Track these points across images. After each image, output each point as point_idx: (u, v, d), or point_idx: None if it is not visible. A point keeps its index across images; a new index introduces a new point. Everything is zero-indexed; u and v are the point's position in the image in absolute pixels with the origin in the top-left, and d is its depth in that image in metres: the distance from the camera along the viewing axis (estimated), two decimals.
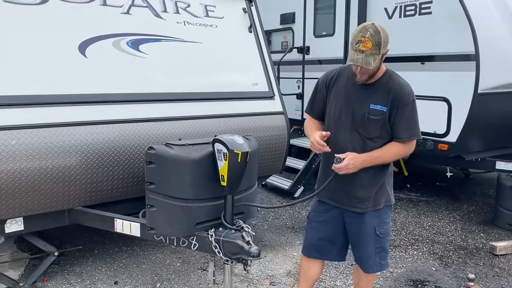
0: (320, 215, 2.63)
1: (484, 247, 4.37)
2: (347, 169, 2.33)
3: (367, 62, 2.21)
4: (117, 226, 3.04)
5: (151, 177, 2.60)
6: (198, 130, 3.56)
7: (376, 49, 2.21)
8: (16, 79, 2.91)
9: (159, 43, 3.58)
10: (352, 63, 2.25)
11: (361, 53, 2.20)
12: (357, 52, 2.21)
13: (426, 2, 4.81)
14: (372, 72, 2.32)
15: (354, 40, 2.24)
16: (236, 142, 2.47)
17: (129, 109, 3.28)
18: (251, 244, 2.46)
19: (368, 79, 2.36)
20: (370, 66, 2.23)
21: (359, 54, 2.21)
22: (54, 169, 2.93)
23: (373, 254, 2.53)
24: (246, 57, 4.13)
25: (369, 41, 2.19)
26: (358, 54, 2.21)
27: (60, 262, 3.81)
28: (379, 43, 2.21)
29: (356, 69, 2.32)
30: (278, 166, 4.21)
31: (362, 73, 2.32)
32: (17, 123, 2.83)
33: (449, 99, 4.68)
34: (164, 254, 4.05)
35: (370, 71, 2.30)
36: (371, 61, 2.21)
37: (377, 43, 2.20)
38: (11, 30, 2.97)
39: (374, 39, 2.20)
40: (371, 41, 2.19)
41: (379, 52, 2.23)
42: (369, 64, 2.22)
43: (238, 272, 3.64)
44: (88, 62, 3.20)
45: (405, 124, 2.38)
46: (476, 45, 4.38)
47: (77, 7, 3.27)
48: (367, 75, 2.33)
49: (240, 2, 4.20)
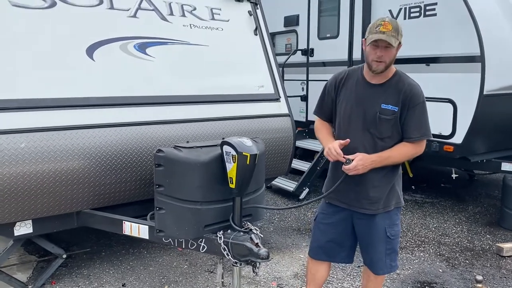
0: (328, 217, 2.63)
1: (491, 248, 4.36)
2: (356, 170, 2.34)
3: (390, 40, 2.26)
4: (126, 229, 3.05)
5: (160, 180, 2.61)
6: (205, 132, 3.57)
7: (395, 33, 2.28)
8: (24, 83, 2.93)
9: (166, 46, 3.60)
10: (376, 38, 2.27)
11: (383, 33, 2.26)
12: (378, 34, 2.27)
13: (431, 4, 4.82)
14: (389, 60, 2.33)
15: (373, 26, 2.31)
16: (244, 144, 2.48)
17: (137, 111, 3.30)
18: (260, 246, 2.46)
19: (383, 69, 2.37)
20: (393, 43, 2.27)
21: (381, 35, 2.26)
22: (62, 172, 2.95)
23: (384, 256, 2.54)
24: (251, 59, 4.14)
25: (389, 23, 2.28)
26: (380, 35, 2.26)
27: (68, 264, 3.82)
28: (397, 28, 2.30)
29: (375, 54, 2.32)
30: (284, 168, 4.22)
31: (380, 60, 2.32)
32: (26, 126, 2.85)
33: (454, 101, 4.69)
34: (171, 256, 4.06)
35: (388, 56, 2.31)
36: (392, 41, 2.27)
37: (395, 28, 2.29)
38: (19, 34, 3.00)
39: (393, 23, 2.30)
40: (390, 24, 2.28)
41: (398, 36, 2.29)
42: (392, 42, 2.26)
43: (245, 274, 3.64)
44: (96, 65, 3.22)
45: (415, 124, 2.40)
46: (481, 46, 4.38)
47: (84, 11, 3.30)
48: (384, 64, 2.34)
49: (245, 5, 4.22)
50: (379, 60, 2.32)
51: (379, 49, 2.30)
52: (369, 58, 2.36)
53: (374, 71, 2.38)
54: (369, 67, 2.40)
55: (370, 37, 2.30)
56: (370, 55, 2.35)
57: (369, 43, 2.31)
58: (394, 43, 2.27)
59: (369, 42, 2.30)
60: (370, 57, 2.35)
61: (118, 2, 3.46)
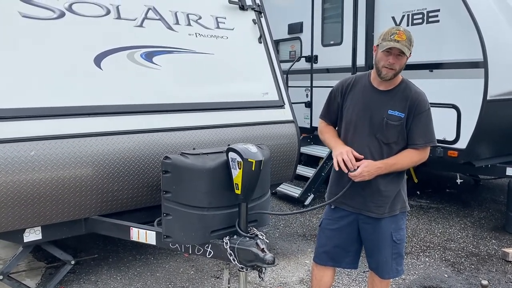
0: (334, 222, 2.66)
1: (496, 253, 4.36)
2: (362, 177, 2.38)
3: (404, 49, 2.31)
4: (133, 235, 3.09)
5: (167, 186, 2.65)
6: (211, 139, 3.62)
7: (408, 43, 2.33)
8: (34, 92, 2.99)
9: (172, 55, 3.66)
10: (390, 46, 2.31)
11: (397, 42, 2.31)
12: (392, 42, 2.31)
13: (434, 10, 4.86)
14: (399, 67, 2.38)
15: (388, 33, 2.34)
16: (250, 151, 2.51)
17: (144, 119, 3.35)
18: (266, 252, 2.48)
19: (392, 77, 2.41)
20: (406, 53, 2.32)
21: (396, 43, 2.31)
22: (71, 179, 3.00)
23: (390, 260, 2.56)
24: (256, 67, 4.19)
25: (404, 33, 2.32)
26: (395, 43, 2.31)
27: (76, 270, 3.86)
28: (411, 39, 2.35)
29: (386, 61, 2.36)
30: (289, 174, 4.25)
31: (391, 67, 2.37)
32: (35, 134, 2.91)
33: (458, 106, 4.71)
34: (178, 262, 4.09)
35: (399, 63, 2.36)
36: (406, 50, 2.32)
37: (409, 38, 2.34)
38: (29, 44, 3.06)
39: (407, 33, 2.34)
40: (405, 34, 2.32)
41: (410, 47, 2.34)
42: (405, 51, 2.32)
43: (251, 280, 3.67)
44: (103, 74, 3.28)
45: (421, 131, 2.44)
46: (484, 52, 4.41)
47: (92, 21, 3.37)
48: (394, 71, 2.38)
49: (250, 13, 4.28)
50: (390, 67, 2.37)
51: (392, 56, 2.35)
52: (379, 64, 2.41)
53: (383, 77, 2.42)
54: (378, 73, 2.44)
55: (384, 44, 2.33)
56: (381, 61, 2.39)
57: (383, 49, 2.35)
58: (407, 52, 2.33)
59: (383, 49, 2.35)
60: (381, 63, 2.40)
61: (125, 12, 3.52)
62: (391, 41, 2.31)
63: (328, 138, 2.66)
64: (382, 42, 2.35)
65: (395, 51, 2.33)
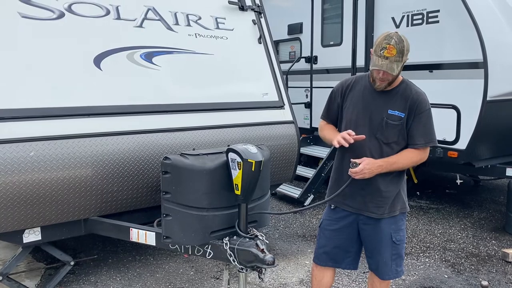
0: (334, 223, 2.66)
1: (496, 254, 4.36)
2: (363, 174, 2.38)
3: (391, 68, 2.29)
4: (133, 236, 3.08)
5: (167, 187, 2.65)
6: (211, 140, 3.62)
7: (399, 56, 2.29)
8: (33, 92, 2.99)
9: (172, 55, 3.66)
10: (377, 68, 2.31)
11: (386, 59, 2.28)
12: (381, 58, 2.29)
13: (433, 11, 4.86)
14: (392, 79, 2.38)
15: (378, 46, 2.30)
16: (249, 151, 2.51)
17: (144, 120, 3.35)
18: (266, 252, 2.48)
19: (386, 86, 2.43)
20: (394, 72, 2.30)
21: (383, 60, 2.28)
22: (71, 180, 3.00)
23: (390, 261, 2.56)
24: (256, 67, 4.19)
25: (394, 48, 2.27)
26: (383, 60, 2.28)
27: (75, 271, 3.86)
28: (402, 51, 2.29)
29: (378, 75, 2.38)
30: (289, 174, 4.25)
31: (383, 80, 2.38)
32: (35, 135, 2.90)
33: (458, 107, 4.71)
34: (177, 263, 4.09)
35: (390, 78, 2.37)
36: (394, 68, 2.29)
37: (400, 51, 2.28)
38: (28, 44, 3.06)
39: (398, 46, 2.27)
40: (395, 48, 2.27)
41: (402, 59, 2.31)
42: (393, 70, 2.30)
43: (251, 281, 3.66)
44: (103, 74, 3.28)
45: (421, 131, 2.45)
46: (484, 52, 4.41)
47: (92, 21, 3.36)
48: (387, 82, 2.40)
49: (249, 14, 4.28)
50: (381, 80, 2.39)
51: (382, 72, 2.35)
52: (372, 74, 2.44)
53: (377, 88, 2.45)
54: (372, 81, 2.47)
55: (374, 61, 2.32)
56: (373, 73, 2.42)
57: (371, 69, 2.37)
58: (396, 69, 2.30)
59: (372, 68, 2.36)
60: (373, 74, 2.42)
61: (124, 13, 3.52)
62: (380, 58, 2.28)
63: (327, 133, 2.67)
64: (373, 53, 2.34)
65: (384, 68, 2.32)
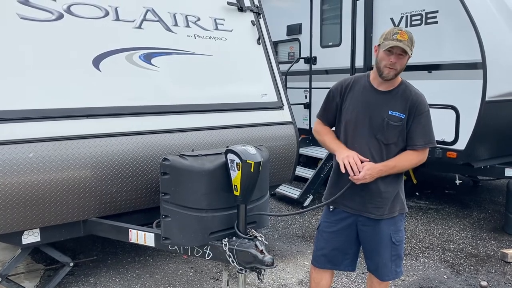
0: (332, 225, 2.66)
1: (496, 254, 4.36)
2: (364, 179, 2.39)
3: (406, 48, 2.32)
4: (132, 237, 3.08)
5: (166, 188, 2.64)
6: (210, 141, 3.62)
7: (410, 43, 2.34)
8: (32, 94, 2.99)
9: (171, 57, 3.66)
10: (393, 44, 2.32)
11: (399, 41, 2.31)
12: (395, 41, 2.32)
13: (432, 12, 4.87)
14: (399, 69, 2.39)
15: (390, 33, 2.36)
16: (248, 152, 2.51)
17: (143, 121, 3.35)
18: (265, 253, 2.48)
19: (393, 77, 2.42)
20: (408, 52, 2.33)
21: (398, 42, 2.31)
22: (70, 181, 3.00)
23: (389, 262, 2.56)
24: (255, 68, 4.20)
25: (406, 33, 2.34)
26: (397, 42, 2.31)
27: (75, 272, 3.86)
28: (412, 40, 2.36)
29: (388, 61, 2.36)
30: (288, 175, 4.25)
31: (392, 66, 2.37)
32: (34, 136, 2.90)
33: (457, 107, 4.72)
34: (177, 264, 4.09)
35: (401, 64, 2.37)
36: (408, 50, 2.33)
37: (411, 38, 2.35)
38: (28, 46, 3.06)
39: (409, 34, 2.36)
40: (407, 34, 2.34)
41: (411, 48, 2.35)
42: (407, 51, 2.33)
43: (250, 281, 3.66)
44: (102, 75, 3.28)
45: (420, 132, 2.45)
46: (483, 53, 4.42)
47: (91, 22, 3.36)
48: (395, 72, 2.39)
49: (248, 15, 4.28)
50: (391, 66, 2.37)
51: (393, 56, 2.35)
52: (381, 64, 2.41)
53: (385, 77, 2.42)
54: (379, 73, 2.44)
55: (386, 44, 2.34)
56: (383, 61, 2.39)
57: (384, 49, 2.35)
58: (409, 51, 2.34)
59: (385, 48, 2.35)
60: (382, 63, 2.40)
61: (123, 14, 3.52)
62: (393, 41, 2.32)
63: (328, 141, 2.62)
64: (384, 41, 2.36)
65: (397, 50, 2.33)
